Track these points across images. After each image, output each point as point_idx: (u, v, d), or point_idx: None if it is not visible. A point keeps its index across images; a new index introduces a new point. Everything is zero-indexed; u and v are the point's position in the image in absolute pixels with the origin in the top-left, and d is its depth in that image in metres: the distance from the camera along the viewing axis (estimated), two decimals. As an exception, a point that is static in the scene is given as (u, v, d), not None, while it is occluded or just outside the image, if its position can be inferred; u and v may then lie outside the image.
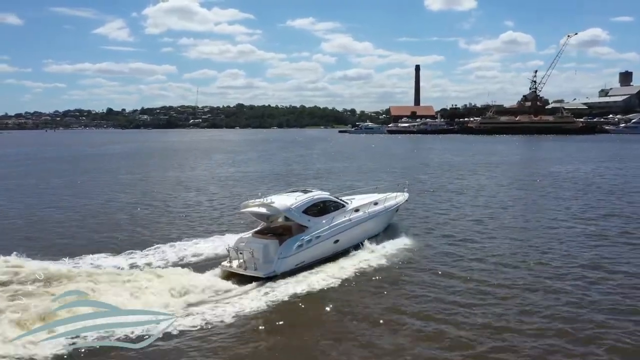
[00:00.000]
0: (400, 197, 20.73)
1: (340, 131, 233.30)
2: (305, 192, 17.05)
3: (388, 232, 19.23)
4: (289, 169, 50.26)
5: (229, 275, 14.28)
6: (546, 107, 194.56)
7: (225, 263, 14.81)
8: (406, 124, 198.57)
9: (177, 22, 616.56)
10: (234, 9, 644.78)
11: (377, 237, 17.92)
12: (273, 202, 15.49)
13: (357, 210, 17.63)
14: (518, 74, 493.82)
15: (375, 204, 18.90)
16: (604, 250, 17.07)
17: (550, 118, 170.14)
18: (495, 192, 31.62)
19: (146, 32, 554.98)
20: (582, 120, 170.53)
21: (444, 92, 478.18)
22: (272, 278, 13.90)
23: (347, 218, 16.84)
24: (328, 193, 18.08)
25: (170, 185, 36.90)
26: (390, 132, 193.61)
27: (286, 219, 16.24)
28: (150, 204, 27.72)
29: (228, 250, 14.91)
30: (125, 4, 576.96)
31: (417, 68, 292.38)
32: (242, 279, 13.93)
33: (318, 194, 17.05)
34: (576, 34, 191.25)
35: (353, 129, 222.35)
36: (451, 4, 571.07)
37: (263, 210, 15.57)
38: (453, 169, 48.83)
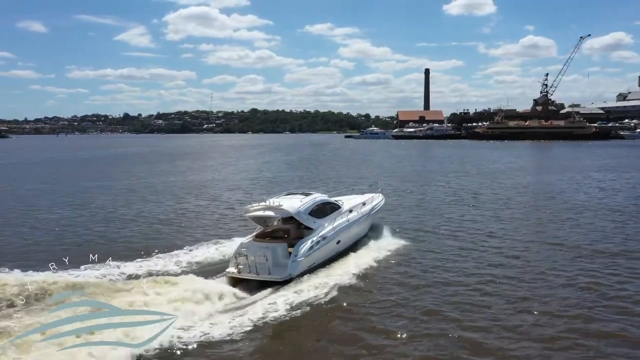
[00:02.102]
0: (379, 198, 21.23)
1: (346, 136, 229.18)
2: (305, 194, 17.07)
3: (374, 230, 19.91)
4: (227, 178, 46.24)
5: (238, 281, 14.02)
6: (560, 112, 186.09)
7: (231, 269, 14.50)
8: (412, 129, 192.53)
9: (196, 28, 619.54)
10: (253, 15, 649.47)
11: (368, 236, 18.93)
12: (281, 205, 15.38)
13: (350, 211, 17.91)
14: (539, 78, 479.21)
15: (364, 204, 19.42)
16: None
17: (562, 123, 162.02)
18: (434, 203, 29.06)
19: (167, 39, 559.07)
20: (595, 125, 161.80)
21: (463, 97, 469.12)
22: (288, 281, 13.81)
23: (346, 219, 17.12)
24: (327, 195, 18.12)
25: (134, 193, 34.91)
26: (396, 137, 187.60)
27: (284, 221, 16.06)
28: (126, 213, 26.49)
29: (235, 256, 14.60)
30: (146, 10, 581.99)
31: (427, 72, 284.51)
32: (253, 284, 13.77)
33: (319, 196, 17.14)
34: (589, 35, 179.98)
35: (358, 134, 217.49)
36: (471, 9, 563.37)
37: (270, 213, 15.39)
38: (412, 178, 44.29)
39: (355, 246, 17.48)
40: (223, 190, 36.34)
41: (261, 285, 13.69)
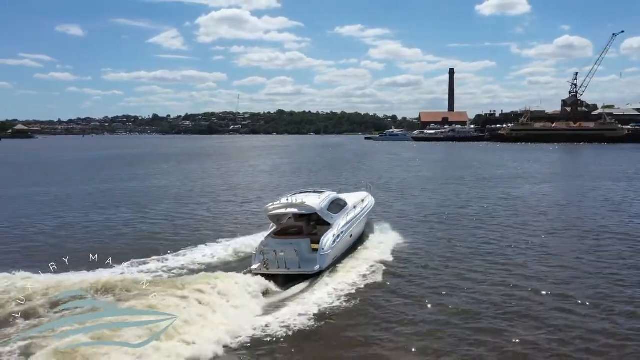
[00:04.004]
0: (370, 196, 22.00)
1: (366, 138, 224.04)
2: (317, 192, 18.09)
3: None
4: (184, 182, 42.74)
5: (266, 277, 14.09)
6: (592, 113, 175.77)
7: (257, 266, 14.87)
8: (432, 131, 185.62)
9: (228, 30, 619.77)
10: (284, 17, 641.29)
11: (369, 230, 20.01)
12: (305, 202, 16.25)
13: (354, 207, 18.60)
14: (570, 79, 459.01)
15: (362, 201, 20.23)
16: None
17: (591, 125, 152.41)
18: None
19: (199, 41, 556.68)
20: (628, 127, 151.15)
21: (495, 98, 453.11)
22: (318, 274, 14.40)
23: (354, 214, 17.93)
24: (336, 192, 18.97)
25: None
26: (416, 139, 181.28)
27: (295, 219, 16.87)
28: (134, 215, 26.57)
29: (262, 253, 15.00)
30: (179, 13, 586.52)
31: (451, 72, 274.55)
32: (280, 279, 14.14)
33: (331, 193, 18.08)
34: (622, 32, 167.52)
35: (378, 136, 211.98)
36: (504, 9, 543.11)
37: (294, 210, 16.24)
38: (393, 185, 39.32)
39: (361, 240, 18.54)
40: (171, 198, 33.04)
41: (290, 279, 14.22)
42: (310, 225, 16.72)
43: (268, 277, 14.13)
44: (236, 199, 32.25)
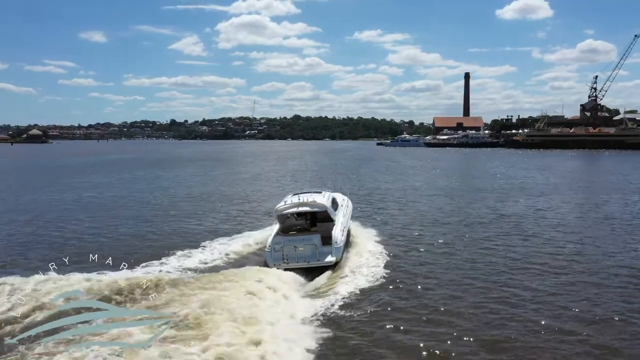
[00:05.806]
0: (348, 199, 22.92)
1: (377, 143, 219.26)
2: (316, 192, 19.64)
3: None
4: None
5: (289, 271, 14.95)
6: (614, 118, 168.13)
7: (274, 262, 15.53)
8: (445, 136, 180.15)
9: (247, 36, 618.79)
10: (303, 23, 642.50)
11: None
12: (315, 200, 17.67)
13: (342, 205, 19.90)
14: (593, 83, 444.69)
15: (344, 200, 21.36)
16: None
17: (612, 130, 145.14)
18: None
19: (219, 47, 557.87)
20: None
21: (515, 103, 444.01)
22: (335, 264, 15.77)
23: (347, 211, 19.79)
24: (331, 191, 20.89)
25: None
26: (428, 144, 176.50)
27: (296, 217, 17.71)
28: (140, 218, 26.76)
29: (280, 249, 15.77)
30: (199, 20, 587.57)
31: (467, 76, 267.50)
32: (300, 272, 15.00)
33: (330, 193, 19.88)
34: None
35: (389, 142, 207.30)
36: (525, 13, 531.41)
37: (306, 208, 17.36)
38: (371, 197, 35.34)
39: (349, 235, 19.20)
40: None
41: (309, 272, 15.16)
42: (307, 222, 17.78)
43: (289, 270, 15.02)
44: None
